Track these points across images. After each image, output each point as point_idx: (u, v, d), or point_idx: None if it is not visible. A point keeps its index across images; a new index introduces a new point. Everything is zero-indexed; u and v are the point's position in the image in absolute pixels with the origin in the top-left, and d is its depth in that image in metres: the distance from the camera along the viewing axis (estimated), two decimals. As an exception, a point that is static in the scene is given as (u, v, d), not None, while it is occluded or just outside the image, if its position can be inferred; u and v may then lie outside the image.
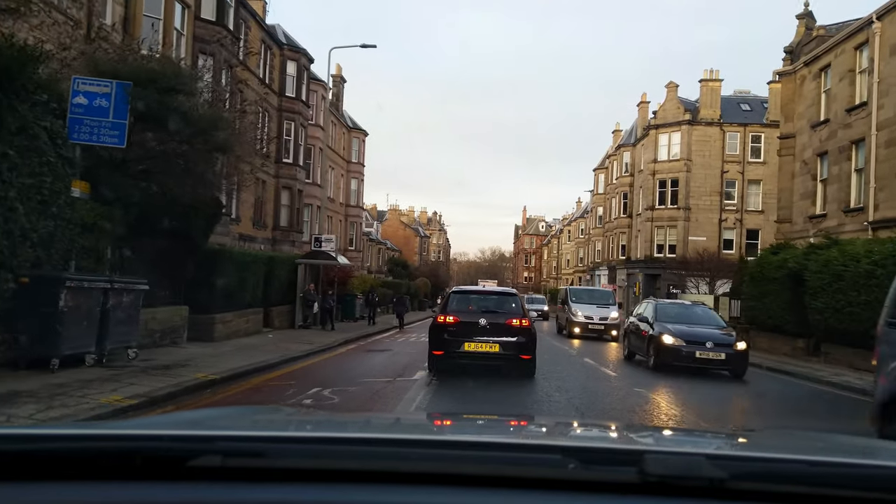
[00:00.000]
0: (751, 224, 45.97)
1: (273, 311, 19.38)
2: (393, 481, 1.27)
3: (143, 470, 1.28)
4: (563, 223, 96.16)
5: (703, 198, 46.24)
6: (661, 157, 47.52)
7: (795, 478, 1.30)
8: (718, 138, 46.22)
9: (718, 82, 46.66)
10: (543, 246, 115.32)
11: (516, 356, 11.29)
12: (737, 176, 46.09)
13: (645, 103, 53.31)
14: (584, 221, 76.99)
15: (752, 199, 46.40)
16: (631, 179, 53.97)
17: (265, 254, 18.63)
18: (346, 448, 1.42)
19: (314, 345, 16.50)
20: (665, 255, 46.77)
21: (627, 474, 1.25)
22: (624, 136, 57.45)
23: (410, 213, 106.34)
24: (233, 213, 27.41)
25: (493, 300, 12.36)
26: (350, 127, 48.59)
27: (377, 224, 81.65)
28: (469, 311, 11.72)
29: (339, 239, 47.25)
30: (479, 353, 11.17)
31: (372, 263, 66.59)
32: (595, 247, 66.16)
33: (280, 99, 32.55)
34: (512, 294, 12.71)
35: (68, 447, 1.35)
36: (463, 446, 1.50)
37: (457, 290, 13.33)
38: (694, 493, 1.24)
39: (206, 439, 1.42)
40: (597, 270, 61.25)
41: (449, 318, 11.44)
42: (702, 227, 46.07)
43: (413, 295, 53.69)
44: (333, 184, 44.99)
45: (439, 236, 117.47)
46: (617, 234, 55.83)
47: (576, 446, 1.61)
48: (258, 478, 1.26)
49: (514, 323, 11.33)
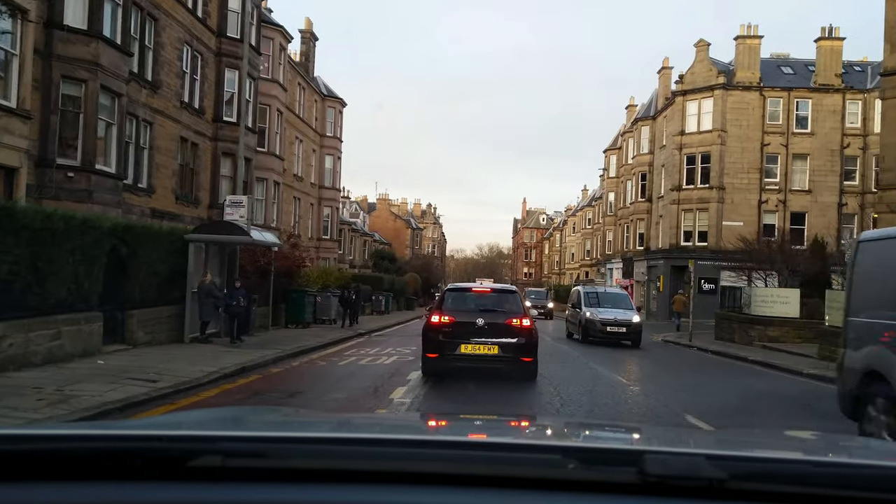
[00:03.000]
0: (795, 206, 38.92)
1: (135, 315, 12.14)
2: (393, 481, 1.27)
3: (143, 470, 1.28)
4: (568, 214, 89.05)
5: (739, 175, 39.14)
6: (689, 128, 40.36)
7: (795, 478, 1.32)
8: (758, 105, 39.10)
9: (758, 39, 39.52)
10: (544, 240, 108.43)
11: (517, 358, 10.72)
12: (779, 149, 38.99)
13: (667, 69, 46.14)
14: (591, 210, 69.81)
15: (798, 176, 39.34)
16: (650, 158, 46.83)
17: (110, 220, 11.28)
18: (346, 448, 1.42)
19: (157, 384, 8.86)
20: (694, 243, 39.66)
21: (627, 474, 1.25)
22: (641, 110, 50.30)
23: (403, 205, 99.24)
24: (139, 178, 20.27)
25: (492, 298, 11.69)
26: (324, 94, 41.37)
27: (364, 214, 74.57)
28: (466, 310, 11.12)
29: (312, 226, 40.11)
30: (476, 355, 10.55)
31: (356, 257, 59.49)
32: (605, 237, 59.03)
33: (219, 41, 25.37)
34: (511, 292, 12.18)
35: (68, 447, 1.35)
36: (463, 446, 1.51)
37: (452, 287, 12.83)
38: (694, 494, 1.24)
39: (206, 439, 1.42)
40: (608, 263, 54.07)
41: (444, 318, 10.86)
42: (738, 209, 38.99)
43: (398, 292, 46.49)
44: (302, 159, 37.82)
45: (434, 230, 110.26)
46: (633, 221, 48.68)
47: (576, 446, 1.70)
48: (258, 478, 1.26)
49: (515, 323, 10.79)
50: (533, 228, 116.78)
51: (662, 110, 44.71)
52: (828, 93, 38.91)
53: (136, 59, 19.66)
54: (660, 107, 45.64)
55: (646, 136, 47.48)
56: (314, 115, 39.90)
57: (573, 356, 16.16)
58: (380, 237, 74.13)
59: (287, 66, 33.24)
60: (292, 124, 35.49)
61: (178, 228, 13.85)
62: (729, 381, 13.01)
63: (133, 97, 19.32)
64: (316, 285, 23.90)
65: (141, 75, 19.97)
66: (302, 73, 37.16)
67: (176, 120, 22.34)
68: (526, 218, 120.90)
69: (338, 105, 42.47)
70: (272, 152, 29.72)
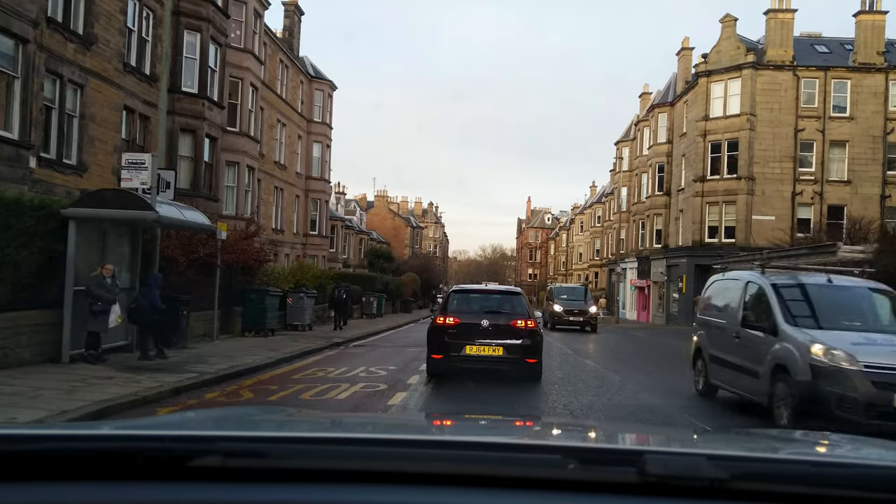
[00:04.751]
0: (833, 198, 35.03)
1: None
2: (393, 481, 1.26)
3: (144, 470, 1.28)
4: (575, 212, 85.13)
5: (770, 164, 35.30)
6: (714, 112, 36.51)
7: (796, 478, 1.32)
8: (791, 86, 35.24)
9: (790, 13, 35.66)
10: (550, 240, 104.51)
11: (521, 360, 10.56)
12: (815, 136, 35.14)
13: (687, 50, 42.35)
14: (601, 207, 65.93)
15: (835, 165, 35.48)
16: (668, 148, 42.99)
17: None
18: (347, 448, 1.42)
19: None
20: (720, 239, 35.82)
21: (627, 474, 1.25)
22: (658, 96, 46.46)
23: (403, 204, 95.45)
24: (66, 152, 16.55)
25: (496, 300, 11.61)
26: (311, 76, 37.62)
27: (361, 212, 70.88)
28: (471, 311, 11.00)
29: (298, 220, 36.42)
30: (481, 356, 10.45)
31: (352, 256, 55.77)
32: (617, 235, 55.15)
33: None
34: (516, 293, 12.04)
35: (69, 447, 1.35)
36: (463, 446, 1.50)
37: (457, 289, 12.68)
38: (694, 494, 1.24)
39: (207, 440, 1.42)
40: (622, 263, 50.17)
41: (449, 320, 10.70)
42: (769, 202, 35.17)
43: (394, 293, 42.65)
44: (286, 145, 34.08)
45: (436, 229, 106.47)
46: (650, 216, 44.82)
47: (576, 446, 1.70)
48: (258, 478, 1.26)
49: (519, 324, 10.64)
50: (538, 228, 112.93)
51: (682, 95, 40.88)
52: (869, 72, 35.03)
53: (59, 3, 16.00)
54: (679, 91, 41.82)
55: (663, 123, 43.63)
56: (300, 98, 36.15)
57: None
58: (378, 236, 70.39)
59: (265, 38, 29.49)
60: (273, 105, 31.75)
61: (51, 200, 9.99)
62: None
63: (54, 50, 15.64)
64: (287, 284, 20.08)
65: (66, 25, 16.27)
66: (285, 49, 33.43)
67: (118, 85, 18.62)
68: (531, 217, 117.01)
69: (327, 88, 38.69)
70: (245, 133, 25.97)
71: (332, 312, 25.85)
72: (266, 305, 16.58)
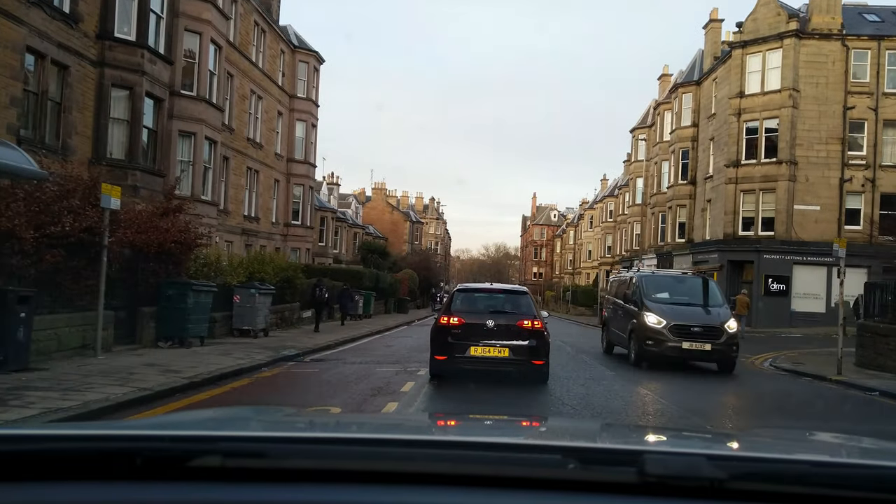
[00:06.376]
0: (887, 186, 30.69)
1: None
2: (393, 482, 1.26)
3: (144, 470, 1.27)
4: (584, 207, 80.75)
5: (815, 147, 30.96)
6: (750, 88, 32.14)
7: (796, 478, 1.31)
8: (840, 58, 30.88)
9: (839, -26, 31.32)
10: (556, 237, 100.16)
11: (528, 361, 10.31)
12: (867, 114, 30.78)
13: (716, 22, 37.99)
14: (613, 201, 61.54)
15: (890, 148, 31.12)
16: (694, 131, 38.68)
17: None
18: (347, 448, 1.41)
19: None
20: (757, 232, 31.50)
21: (627, 474, 1.24)
22: (681, 76, 42.14)
23: (404, 199, 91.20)
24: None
25: (502, 299, 11.30)
26: (294, 45, 33.36)
27: (357, 205, 66.63)
28: (475, 311, 10.73)
29: (277, 207, 32.22)
30: (486, 358, 10.17)
31: (345, 251, 51.59)
32: (632, 230, 50.83)
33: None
34: (523, 292, 11.67)
35: (69, 447, 1.34)
36: (463, 447, 1.49)
37: (462, 288, 12.24)
38: (694, 494, 1.24)
39: (207, 440, 1.42)
40: (637, 260, 45.81)
41: (453, 320, 10.41)
42: (814, 190, 30.84)
43: (386, 291, 38.34)
44: (262, 122, 29.83)
45: (437, 225, 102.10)
46: (672, 208, 40.48)
47: (576, 446, 1.65)
48: (258, 478, 1.26)
49: (526, 325, 10.39)
50: (543, 225, 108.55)
51: (711, 72, 36.55)
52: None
53: None
54: (707, 68, 37.48)
55: (688, 105, 39.30)
56: (280, 69, 31.89)
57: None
58: (374, 230, 66.16)
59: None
60: (246, 73, 27.50)
61: None
62: None
63: None
64: (236, 277, 15.85)
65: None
66: (263, 11, 29.17)
67: (17, 19, 14.41)
68: (536, 214, 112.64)
69: (312, 60, 34.42)
70: (204, 97, 21.71)
71: (308, 313, 21.71)
72: (188, 305, 12.17)
